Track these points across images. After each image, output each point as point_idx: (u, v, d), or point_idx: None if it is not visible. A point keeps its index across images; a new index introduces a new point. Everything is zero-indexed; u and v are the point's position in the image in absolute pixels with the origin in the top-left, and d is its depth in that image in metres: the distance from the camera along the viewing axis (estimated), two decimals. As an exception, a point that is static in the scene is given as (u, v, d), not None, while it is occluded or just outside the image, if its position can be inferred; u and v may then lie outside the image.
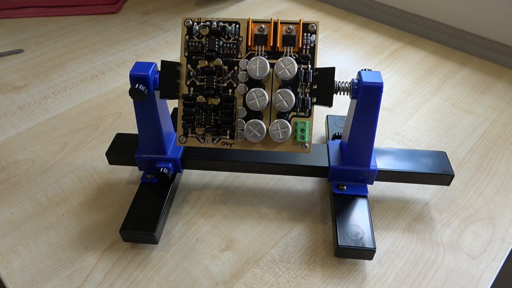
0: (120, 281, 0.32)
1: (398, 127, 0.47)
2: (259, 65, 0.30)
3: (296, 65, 0.30)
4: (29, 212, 0.37)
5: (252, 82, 0.31)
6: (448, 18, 0.62)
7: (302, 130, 0.31)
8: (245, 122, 0.31)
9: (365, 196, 0.35)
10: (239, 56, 0.31)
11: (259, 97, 0.30)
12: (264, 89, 0.30)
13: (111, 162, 0.38)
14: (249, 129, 0.30)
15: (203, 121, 0.32)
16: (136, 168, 0.40)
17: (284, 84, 0.31)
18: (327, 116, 0.44)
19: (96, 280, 0.32)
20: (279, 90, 0.30)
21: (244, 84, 0.31)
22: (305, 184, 0.39)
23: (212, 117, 0.32)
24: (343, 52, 0.60)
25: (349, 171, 0.35)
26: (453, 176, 0.35)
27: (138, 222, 0.33)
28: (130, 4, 0.75)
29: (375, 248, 0.31)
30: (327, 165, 0.35)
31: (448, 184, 0.36)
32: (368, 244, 0.31)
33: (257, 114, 0.31)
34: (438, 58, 0.59)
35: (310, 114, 0.31)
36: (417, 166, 0.35)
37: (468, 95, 0.52)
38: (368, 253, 0.32)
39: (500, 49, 0.59)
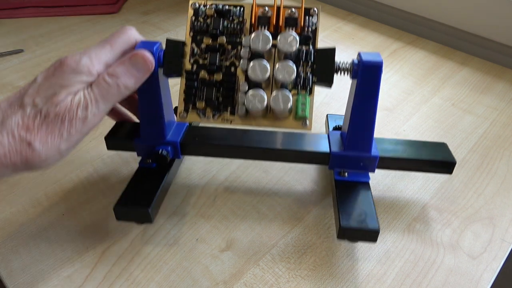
0: (120, 281, 0.32)
1: (398, 127, 0.47)
2: (262, 38, 0.31)
3: (297, 38, 0.31)
4: (29, 212, 0.37)
5: (255, 57, 0.32)
6: (448, 18, 0.62)
7: (303, 104, 0.31)
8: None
9: (367, 183, 0.34)
10: (243, 37, 0.32)
11: (261, 68, 0.31)
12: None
13: (110, 147, 0.38)
14: (250, 99, 0.31)
15: (205, 95, 0.32)
16: (136, 168, 0.40)
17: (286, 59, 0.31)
18: (327, 115, 0.44)
19: (96, 280, 0.32)
20: (280, 62, 0.31)
21: (246, 60, 0.32)
22: (305, 184, 0.39)
23: (214, 92, 0.32)
24: (343, 52, 0.60)
25: (350, 157, 0.34)
26: (455, 163, 0.35)
27: (133, 199, 0.33)
28: (130, 4, 0.75)
29: (379, 229, 0.30)
30: (328, 151, 0.35)
31: (450, 173, 0.35)
32: (371, 225, 0.30)
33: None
34: (438, 58, 0.59)
35: (311, 92, 0.32)
36: (419, 153, 0.35)
37: (468, 95, 0.52)
38: (371, 234, 0.31)
39: (500, 49, 0.59)
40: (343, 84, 0.54)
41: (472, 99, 0.51)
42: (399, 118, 0.48)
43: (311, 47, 0.32)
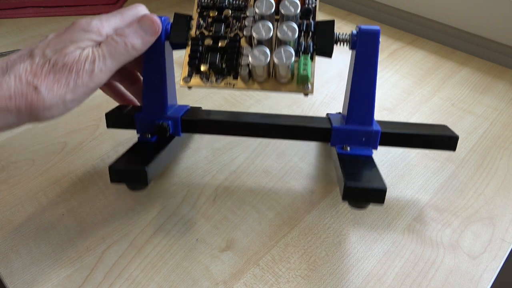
0: (120, 281, 0.32)
1: (398, 127, 0.47)
2: (265, 2, 0.32)
3: (298, 3, 0.32)
4: (29, 212, 0.37)
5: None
6: (448, 18, 0.62)
7: (305, 65, 0.32)
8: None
9: (370, 156, 0.34)
10: (247, 12, 0.34)
11: (265, 27, 0.32)
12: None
13: (110, 124, 0.38)
14: (253, 56, 0.31)
15: (209, 60, 0.33)
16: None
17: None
18: (327, 114, 0.44)
19: (96, 280, 0.32)
20: (283, 23, 0.32)
21: (250, 28, 0.33)
22: (305, 184, 0.39)
23: (218, 57, 0.33)
24: (343, 53, 0.60)
25: (352, 131, 0.34)
26: (457, 138, 0.34)
27: (130, 160, 0.33)
28: (130, 4, 0.75)
29: (386, 188, 0.29)
30: (330, 127, 0.34)
31: (454, 149, 0.35)
32: (377, 184, 0.29)
33: None
34: (438, 58, 0.59)
35: (312, 59, 0.33)
36: (421, 130, 0.35)
37: (468, 95, 0.52)
38: (378, 194, 0.29)
39: (500, 49, 0.59)
40: (343, 84, 0.54)
41: (472, 99, 0.51)
42: (399, 118, 0.48)
43: (311, 20, 0.33)
